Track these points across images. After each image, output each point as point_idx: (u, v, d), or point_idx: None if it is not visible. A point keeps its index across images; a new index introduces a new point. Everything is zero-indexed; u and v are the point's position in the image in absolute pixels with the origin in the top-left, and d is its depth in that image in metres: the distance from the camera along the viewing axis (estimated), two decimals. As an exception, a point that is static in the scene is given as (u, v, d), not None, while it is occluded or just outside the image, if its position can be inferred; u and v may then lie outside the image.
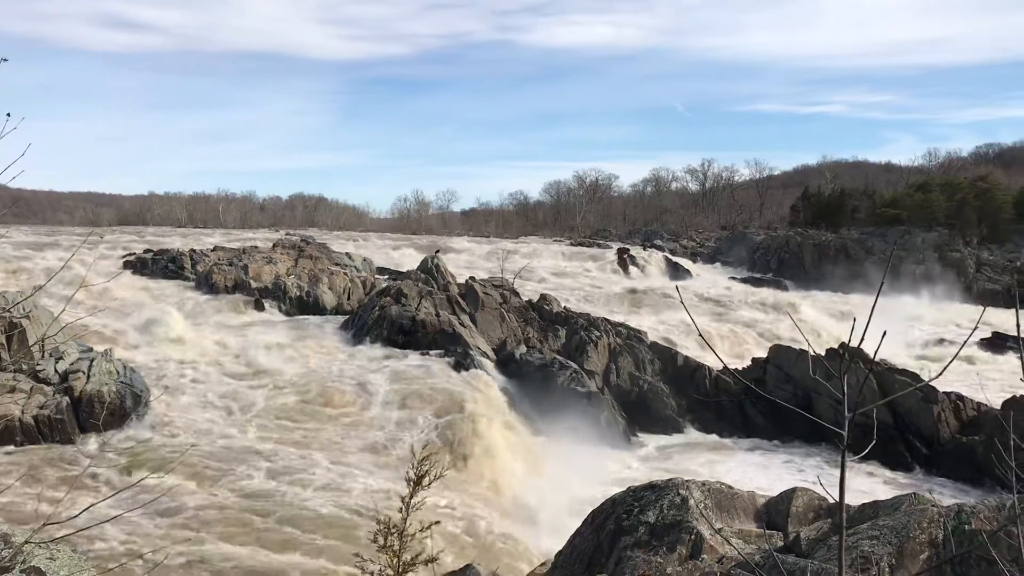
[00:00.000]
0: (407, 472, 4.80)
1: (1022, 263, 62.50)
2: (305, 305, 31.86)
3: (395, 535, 4.37)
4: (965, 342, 2.98)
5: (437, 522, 5.25)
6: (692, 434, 25.11)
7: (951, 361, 3.13)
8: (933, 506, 6.14)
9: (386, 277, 38.26)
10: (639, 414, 25.50)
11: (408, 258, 47.79)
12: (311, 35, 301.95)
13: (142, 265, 34.53)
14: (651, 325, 33.64)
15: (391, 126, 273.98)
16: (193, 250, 36.25)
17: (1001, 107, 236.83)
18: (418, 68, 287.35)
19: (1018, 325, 2.61)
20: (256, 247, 38.32)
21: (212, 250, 37.35)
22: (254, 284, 31.80)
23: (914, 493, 6.70)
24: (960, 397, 23.93)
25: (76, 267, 25.45)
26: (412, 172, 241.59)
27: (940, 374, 3.18)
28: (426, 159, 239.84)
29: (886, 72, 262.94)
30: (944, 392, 23.76)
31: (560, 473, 19.21)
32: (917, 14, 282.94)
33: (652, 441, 24.21)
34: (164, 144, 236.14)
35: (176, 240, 45.56)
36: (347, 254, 41.92)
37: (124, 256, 36.30)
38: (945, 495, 18.93)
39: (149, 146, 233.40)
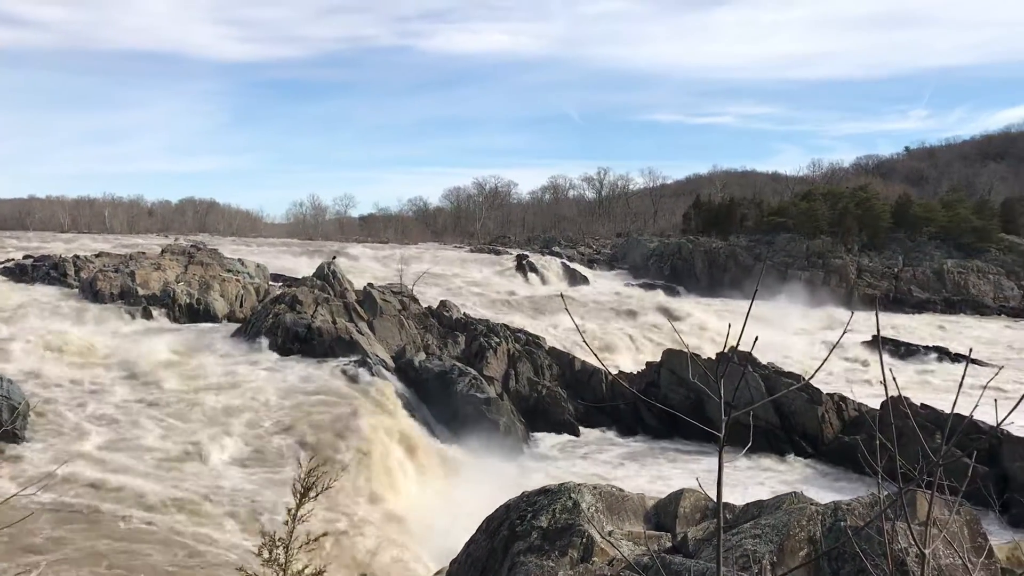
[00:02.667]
0: (294, 484, 4.70)
1: (899, 269, 65.89)
2: (196, 313, 30.87)
3: (281, 548, 4.27)
4: (834, 347, 3.13)
5: (325, 534, 5.15)
6: (589, 437, 25.47)
7: (822, 364, 3.30)
8: (812, 504, 6.40)
9: (280, 284, 37.42)
10: (538, 419, 25.72)
11: (304, 264, 46.95)
12: (203, 36, 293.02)
13: (21, 272, 32.85)
14: (550, 331, 33.98)
15: (287, 130, 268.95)
16: (77, 256, 34.69)
17: (880, 121, 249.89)
18: (315, 71, 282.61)
19: (878, 330, 2.75)
20: (144, 253, 36.96)
21: (97, 256, 35.83)
22: (141, 291, 30.61)
23: (794, 492, 6.97)
24: (843, 398, 25.03)
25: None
26: (308, 177, 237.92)
27: (812, 375, 3.34)
28: (323, 164, 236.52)
29: (774, 85, 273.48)
30: (828, 394, 24.80)
31: (459, 480, 19.19)
32: (805, 29, 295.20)
33: (550, 444, 24.44)
34: (46, 145, 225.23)
35: (59, 245, 43.53)
36: (240, 260, 40.81)
37: (2, 263, 34.46)
38: (829, 492, 19.75)
39: (29, 147, 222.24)
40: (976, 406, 3.26)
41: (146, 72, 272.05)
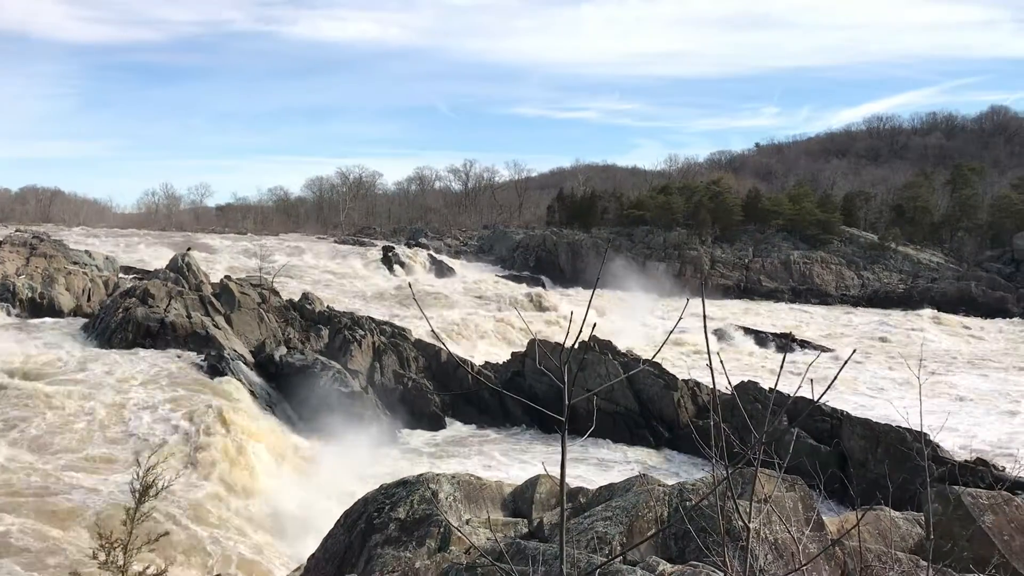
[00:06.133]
0: (132, 483, 4.50)
1: (750, 260, 69.15)
2: (39, 307, 29.09)
3: (119, 549, 4.07)
4: (671, 331, 3.27)
5: (166, 533, 4.96)
6: (455, 428, 25.56)
7: (661, 347, 3.45)
8: (659, 486, 6.65)
9: (131, 277, 35.78)
10: (404, 411, 25.60)
11: (156, 256, 44.98)
12: (48, 14, 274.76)
13: None
14: (417, 322, 33.84)
15: (139, 116, 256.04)
16: (-102, 248, 32.02)
17: (734, 118, 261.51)
18: (170, 56, 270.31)
19: (704, 320, 2.89)
20: (-22, 244, 34.45)
21: (-77, 248, 33.16)
22: (-25, 286, 28.59)
23: (643, 475, 7.23)
24: (697, 384, 26.09)
25: None
26: (162, 165, 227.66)
27: (653, 357, 3.48)
28: (177, 151, 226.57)
29: (635, 81, 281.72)
30: (683, 380, 25.79)
31: (323, 475, 18.87)
32: (665, 28, 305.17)
33: (416, 437, 24.38)
34: None
35: None
36: (87, 252, 38.76)
37: None
38: (682, 474, 20.57)
39: None
40: (799, 387, 3.48)
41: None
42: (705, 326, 2.90)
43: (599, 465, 21.79)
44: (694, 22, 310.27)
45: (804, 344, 40.67)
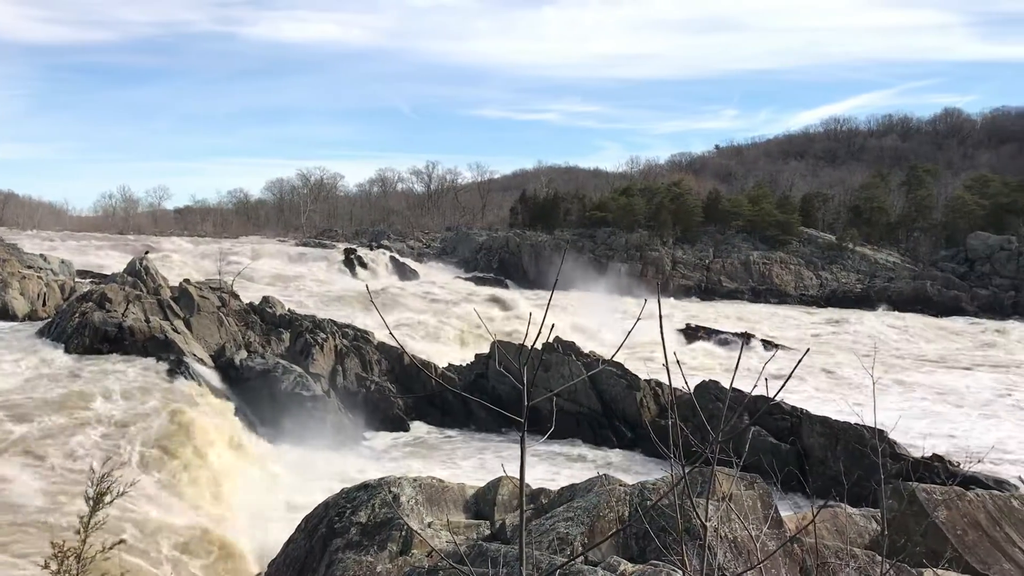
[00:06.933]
0: (86, 490, 4.42)
1: (710, 261, 69.85)
2: (-9, 313, 28.47)
3: (72, 558, 4.00)
4: (629, 332, 3.31)
5: (121, 541, 4.89)
6: (419, 430, 25.48)
7: (620, 346, 3.45)
8: (620, 485, 6.69)
9: (88, 281, 35.18)
10: (367, 414, 25.46)
11: (114, 260, 44.29)
12: (2, 14, 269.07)
13: None
14: (380, 325, 33.65)
15: (95, 118, 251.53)
16: None
17: (695, 120, 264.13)
18: (127, 57, 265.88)
19: (660, 319, 2.92)
20: (-73, 249, 33.66)
21: None
22: (-76, 291, 27.92)
23: (605, 475, 7.27)
24: (659, 384, 26.25)
25: None
26: (119, 167, 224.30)
27: (612, 357, 3.51)
28: (135, 154, 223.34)
29: (598, 84, 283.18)
30: (645, 380, 25.93)
31: (285, 480, 18.71)
32: (627, 30, 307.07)
33: (379, 440, 24.27)
34: None
35: None
36: (42, 255, 38.07)
37: None
38: (644, 473, 20.68)
39: None
40: (755, 385, 3.53)
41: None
42: (661, 326, 2.93)
43: (562, 466, 21.85)
44: (655, 25, 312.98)
45: (768, 344, 41.14)
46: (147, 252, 38.53)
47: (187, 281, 29.97)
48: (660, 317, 2.95)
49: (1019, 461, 22.61)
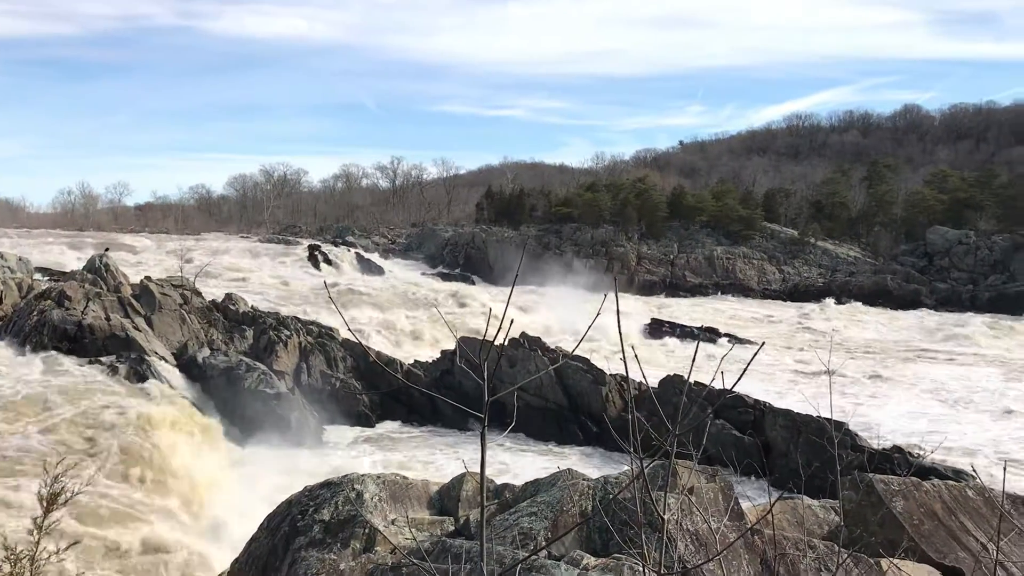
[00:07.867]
0: (39, 491, 4.35)
1: (675, 256, 70.33)
2: (-56, 312, 27.82)
3: (25, 561, 3.93)
4: (590, 326, 3.32)
5: (76, 542, 4.81)
6: (384, 427, 25.42)
7: (580, 341, 3.46)
8: (584, 480, 6.73)
9: (47, 278, 34.53)
10: (332, 411, 25.35)
11: (73, 257, 43.55)
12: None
13: None
14: (344, 322, 33.48)
15: (53, 113, 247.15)
16: None
17: (659, 116, 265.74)
18: (87, 51, 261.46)
19: (617, 312, 2.93)
20: None
21: None
22: None
23: (569, 469, 7.30)
24: (624, 378, 26.39)
25: None
26: (78, 163, 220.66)
27: (573, 351, 3.53)
28: (95, 149, 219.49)
29: (563, 80, 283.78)
30: (611, 375, 26.05)
31: (249, 478, 18.55)
32: (592, 26, 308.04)
33: (345, 437, 24.17)
34: None
35: None
36: (-2, 253, 37.20)
37: None
38: (609, 467, 20.80)
39: None
40: (713, 379, 3.56)
41: None
42: (619, 321, 2.94)
43: (528, 461, 21.91)
44: (621, 21, 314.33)
45: (732, 339, 41.51)
46: (107, 249, 37.94)
47: (148, 278, 29.58)
48: (618, 312, 2.97)
49: (979, 451, 23.11)
